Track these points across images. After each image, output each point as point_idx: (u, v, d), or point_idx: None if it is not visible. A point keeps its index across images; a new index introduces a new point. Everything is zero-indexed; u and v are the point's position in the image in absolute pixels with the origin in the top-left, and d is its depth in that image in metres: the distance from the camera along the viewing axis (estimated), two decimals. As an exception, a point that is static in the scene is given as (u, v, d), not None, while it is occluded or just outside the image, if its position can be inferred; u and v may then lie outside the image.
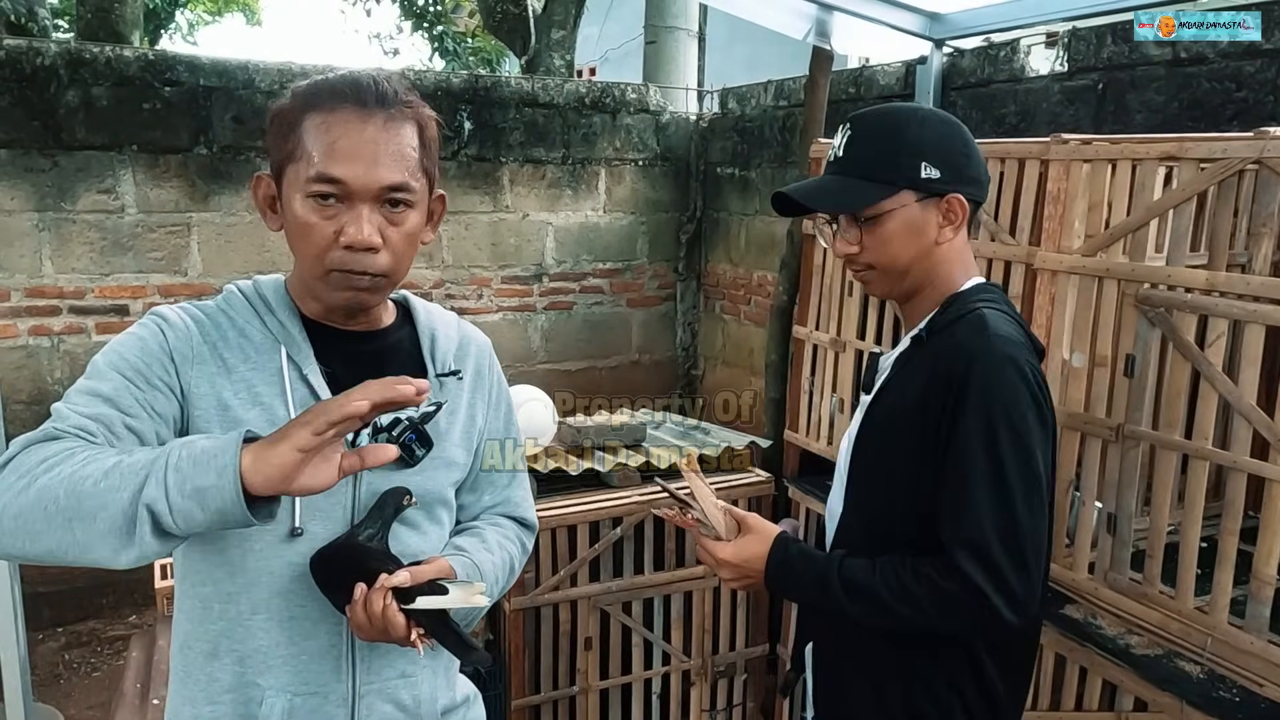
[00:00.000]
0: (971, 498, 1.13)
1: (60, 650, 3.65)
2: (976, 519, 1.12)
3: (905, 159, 1.20)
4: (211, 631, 1.13)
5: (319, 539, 1.10)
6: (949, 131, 1.23)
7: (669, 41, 5.43)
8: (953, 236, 1.24)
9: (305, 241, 1.07)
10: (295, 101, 1.08)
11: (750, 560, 1.27)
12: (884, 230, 1.22)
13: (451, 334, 1.26)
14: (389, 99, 1.07)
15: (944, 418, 1.16)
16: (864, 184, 1.22)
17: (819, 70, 3.23)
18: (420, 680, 1.20)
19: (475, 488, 1.31)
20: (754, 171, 4.40)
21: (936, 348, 1.21)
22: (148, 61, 3.63)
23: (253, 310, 1.15)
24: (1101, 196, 1.75)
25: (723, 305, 4.73)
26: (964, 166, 1.22)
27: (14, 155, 3.46)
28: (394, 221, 1.07)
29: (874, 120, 1.25)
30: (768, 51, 9.10)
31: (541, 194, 4.44)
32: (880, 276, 1.27)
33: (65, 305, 3.62)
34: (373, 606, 1.02)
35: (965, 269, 1.29)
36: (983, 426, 1.13)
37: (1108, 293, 1.74)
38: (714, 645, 2.74)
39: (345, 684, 1.14)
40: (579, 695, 2.59)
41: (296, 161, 1.05)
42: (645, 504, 2.53)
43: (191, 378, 1.08)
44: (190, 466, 0.89)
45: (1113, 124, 2.64)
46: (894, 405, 1.25)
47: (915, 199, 1.21)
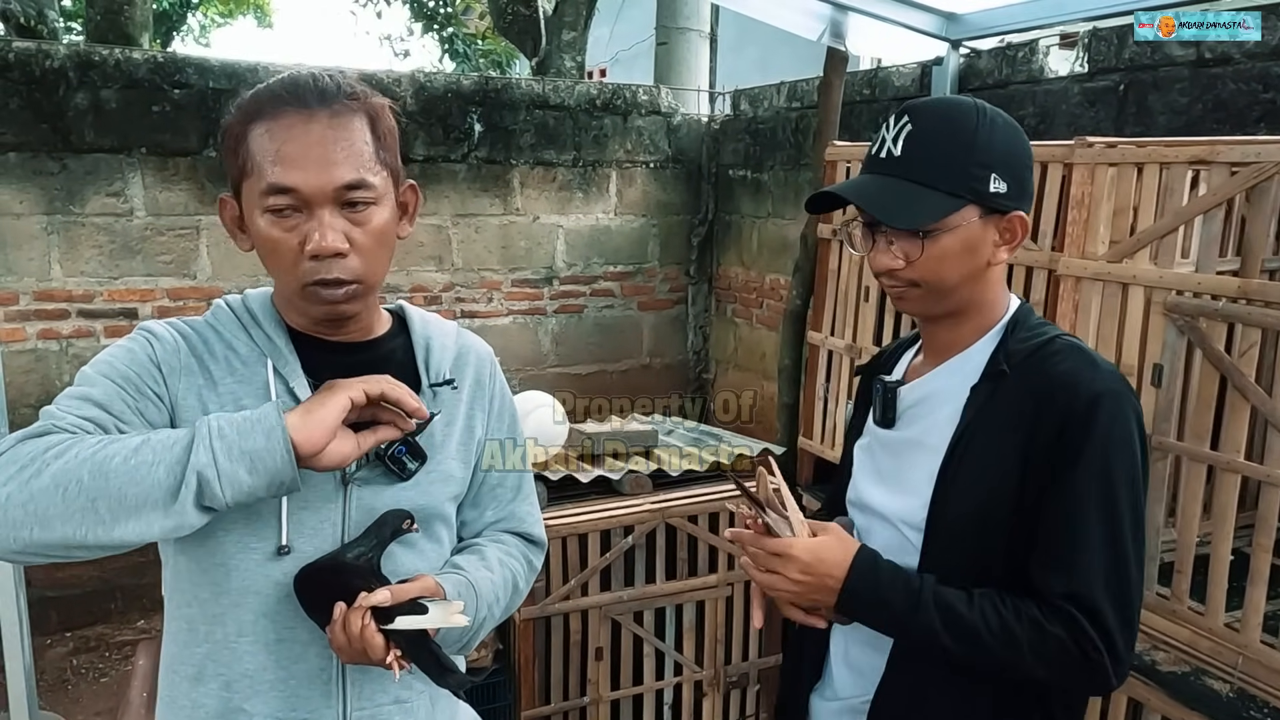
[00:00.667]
0: (1086, 549, 1.04)
1: (68, 655, 3.63)
2: (1090, 573, 1.03)
3: (976, 169, 1.07)
4: (197, 655, 1.09)
5: (307, 557, 1.05)
6: (1017, 139, 1.11)
7: (680, 43, 5.39)
8: (1006, 258, 1.13)
9: (273, 258, 1.03)
10: (239, 115, 1.03)
11: (826, 562, 1.10)
12: (940, 247, 1.08)
13: (448, 343, 1.22)
14: (330, 94, 1.02)
15: (1054, 457, 1.05)
16: (930, 194, 1.07)
17: (834, 72, 3.18)
18: (416, 707, 1.15)
19: (477, 503, 1.26)
20: (766, 174, 4.35)
21: (1032, 381, 1.09)
22: (157, 64, 3.62)
23: (239, 324, 1.12)
24: (1128, 201, 1.71)
25: (734, 309, 4.69)
26: (1028, 180, 1.12)
27: (23, 158, 3.44)
28: (358, 222, 1.02)
29: (940, 116, 1.10)
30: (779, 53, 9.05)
31: (552, 196, 4.40)
32: (923, 295, 1.14)
33: (74, 309, 3.60)
34: (350, 626, 0.98)
35: (1005, 288, 1.20)
36: (1103, 472, 1.04)
37: (1134, 300, 1.70)
38: (726, 655, 2.70)
39: (335, 710, 1.10)
40: (589, 706, 2.55)
41: (249, 177, 1.01)
42: (665, 509, 2.49)
43: (179, 390, 1.05)
44: (235, 433, 0.91)
45: (1134, 126, 2.59)
46: (987, 448, 1.11)
47: (978, 214, 1.08)
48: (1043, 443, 1.06)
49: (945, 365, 1.19)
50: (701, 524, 2.58)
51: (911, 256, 1.10)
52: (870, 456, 1.28)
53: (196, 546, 1.07)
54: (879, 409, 1.24)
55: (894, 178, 1.09)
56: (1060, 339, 1.12)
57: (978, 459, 1.11)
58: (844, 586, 1.10)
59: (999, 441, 1.09)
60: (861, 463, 1.29)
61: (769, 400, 4.42)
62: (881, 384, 1.24)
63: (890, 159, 1.10)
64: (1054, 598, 1.04)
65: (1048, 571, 1.06)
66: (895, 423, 1.22)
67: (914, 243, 1.09)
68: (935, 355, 1.21)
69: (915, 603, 1.07)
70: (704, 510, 2.59)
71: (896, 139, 1.10)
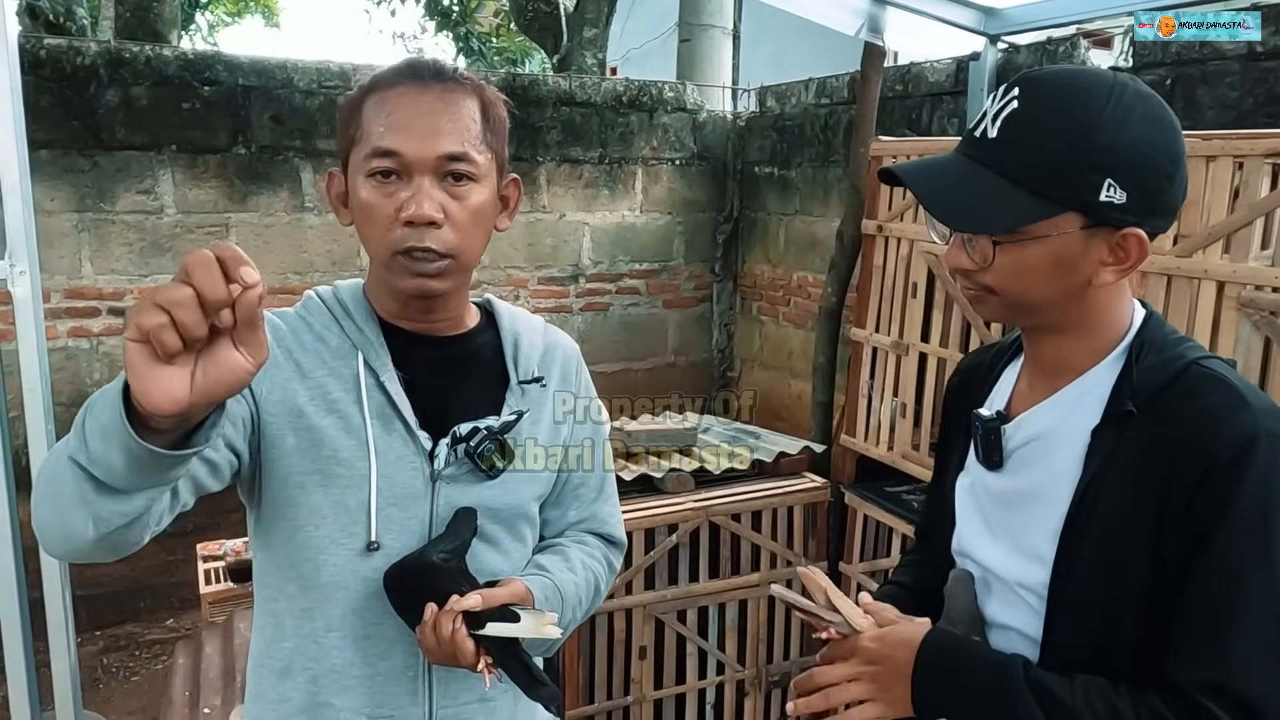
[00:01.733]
0: (1237, 627, 0.83)
1: (98, 654, 3.62)
2: (1240, 661, 0.83)
3: (1087, 171, 0.85)
4: (285, 649, 1.09)
5: (395, 554, 1.05)
6: (1156, 137, 0.87)
7: (703, 39, 5.37)
8: (1113, 280, 0.91)
9: (368, 223, 1.03)
10: (356, 90, 1.06)
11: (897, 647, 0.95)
12: (1025, 256, 0.89)
13: (536, 339, 1.20)
14: (446, 73, 1.05)
15: (1194, 513, 0.85)
16: (1019, 194, 0.87)
17: (871, 67, 3.16)
18: (500, 706, 1.14)
19: (560, 503, 1.24)
20: (794, 171, 4.33)
21: (1167, 423, 0.89)
22: (187, 61, 3.60)
23: (330, 315, 1.11)
24: (1198, 194, 1.68)
25: (760, 306, 4.67)
26: (1162, 191, 0.88)
27: (54, 155, 3.43)
28: (456, 196, 1.02)
29: (1057, 93, 0.88)
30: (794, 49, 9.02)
31: (578, 194, 4.39)
32: (1001, 306, 0.95)
33: (104, 306, 3.59)
34: (441, 629, 0.97)
35: (1127, 303, 0.97)
36: (1260, 526, 0.83)
37: (1205, 294, 1.68)
38: (768, 654, 2.68)
39: (421, 707, 1.09)
40: (633, 705, 2.54)
41: (358, 144, 1.03)
42: (708, 507, 2.48)
43: (265, 383, 1.05)
44: (101, 407, 0.79)
45: (1181, 121, 2.56)
46: (1114, 509, 0.91)
47: (1079, 225, 0.87)
48: (1178, 496, 0.86)
49: (1058, 396, 0.98)
50: (744, 522, 2.57)
51: (984, 262, 0.92)
52: (975, 502, 1.08)
53: (285, 541, 1.06)
54: (981, 449, 1.04)
55: (983, 166, 0.90)
56: (1198, 366, 0.91)
57: (1104, 523, 0.91)
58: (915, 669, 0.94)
59: (1128, 500, 0.90)
60: (966, 509, 1.10)
61: (796, 398, 4.40)
62: (982, 423, 1.03)
63: (984, 140, 0.90)
64: (1191, 685, 0.83)
65: (1185, 657, 0.85)
66: (1003, 465, 1.02)
67: (988, 247, 0.91)
68: (1044, 378, 1.00)
69: (1004, 684, 0.90)
70: (747, 509, 2.57)
71: (997, 117, 0.89)
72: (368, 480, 1.04)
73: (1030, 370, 1.03)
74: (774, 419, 4.39)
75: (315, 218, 3.87)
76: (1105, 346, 0.95)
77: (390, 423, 1.06)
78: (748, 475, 2.69)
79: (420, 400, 1.08)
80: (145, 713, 3.29)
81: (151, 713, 3.24)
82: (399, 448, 1.06)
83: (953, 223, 0.92)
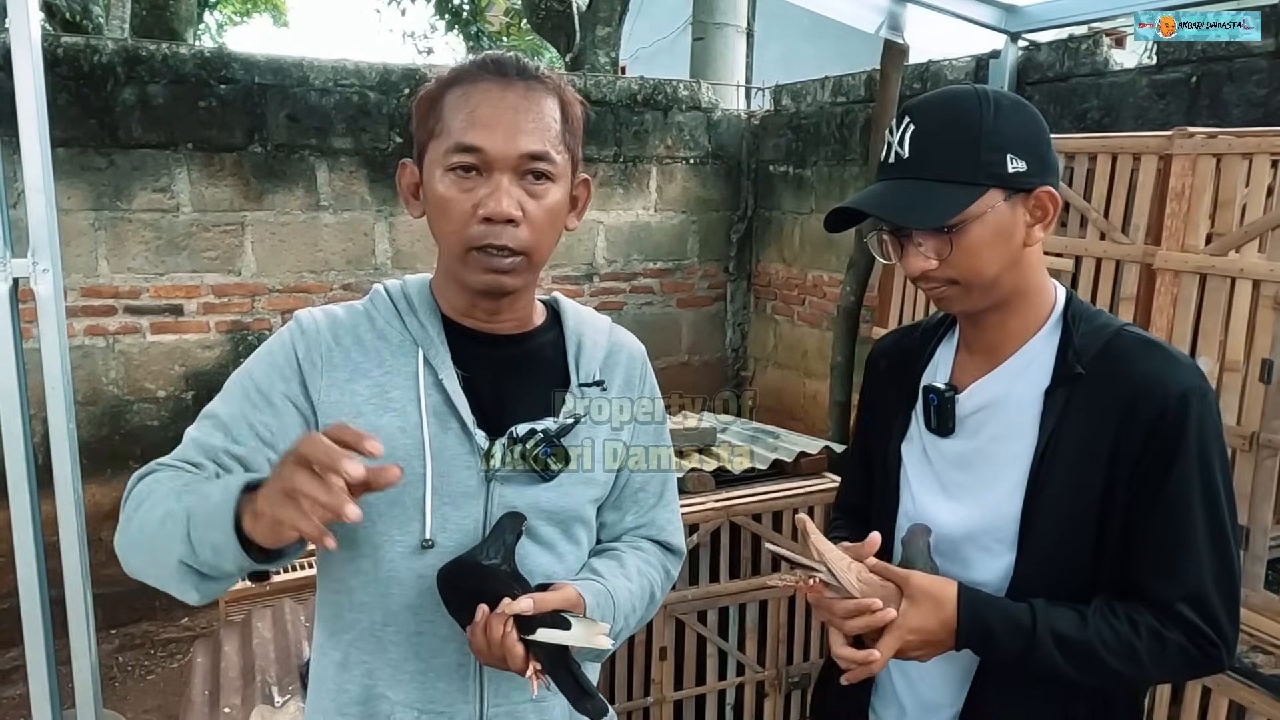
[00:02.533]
0: (1195, 549, 1.04)
1: (114, 653, 3.63)
2: (1198, 571, 1.04)
3: (989, 152, 1.02)
4: (343, 641, 1.11)
5: (450, 552, 1.05)
6: (1027, 116, 1.07)
7: (717, 38, 5.35)
8: (1042, 235, 1.08)
9: (444, 217, 1.03)
10: (436, 83, 1.06)
11: (939, 628, 1.06)
12: (971, 238, 1.04)
13: (600, 340, 1.18)
14: (529, 71, 1.04)
15: (1149, 458, 1.04)
16: (945, 187, 1.03)
17: (891, 65, 3.15)
18: (552, 706, 1.13)
19: (619, 506, 1.22)
20: (809, 169, 4.31)
21: (1112, 380, 1.06)
22: (203, 59, 3.60)
23: (395, 310, 1.11)
24: (1234, 193, 1.66)
25: (774, 306, 4.65)
26: (1047, 154, 1.07)
27: (71, 154, 3.43)
28: (534, 194, 1.02)
29: (941, 109, 1.06)
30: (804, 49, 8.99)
31: (593, 192, 4.37)
32: (964, 292, 1.08)
33: (120, 305, 3.60)
34: (492, 633, 0.96)
35: (1047, 274, 1.14)
36: (1203, 467, 1.03)
37: (1240, 293, 1.66)
38: (788, 656, 2.66)
39: (473, 705, 1.09)
40: (653, 706, 2.52)
41: (437, 138, 1.03)
42: (729, 508, 2.46)
43: (321, 387, 1.06)
44: (205, 524, 0.90)
45: (1207, 119, 2.54)
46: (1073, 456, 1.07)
47: (1003, 198, 1.04)
48: (1132, 445, 1.04)
49: (1005, 366, 1.13)
50: (765, 523, 2.55)
51: (943, 254, 1.05)
52: (929, 466, 1.21)
53: (345, 535, 1.06)
54: (933, 417, 1.18)
55: (908, 179, 1.06)
56: (1127, 331, 1.10)
57: (1066, 469, 1.07)
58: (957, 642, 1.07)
59: (1085, 448, 1.06)
60: (919, 474, 1.22)
61: (811, 398, 4.39)
62: (936, 393, 1.17)
63: (900, 162, 1.07)
64: (1168, 603, 1.04)
65: (1158, 578, 1.05)
66: (954, 430, 1.16)
67: (942, 240, 1.04)
68: (987, 354, 1.15)
69: (1031, 641, 1.05)
70: (768, 509, 2.55)
71: (903, 141, 1.06)
72: (423, 478, 1.04)
73: (969, 347, 1.18)
74: (788, 419, 4.38)
75: (330, 216, 3.86)
76: (1039, 320, 1.12)
77: (447, 421, 1.07)
78: (768, 475, 2.67)
79: (479, 399, 1.09)
80: (162, 711, 3.29)
81: (168, 711, 3.24)
82: (455, 447, 1.06)
83: (916, 224, 1.05)
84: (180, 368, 3.72)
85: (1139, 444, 1.04)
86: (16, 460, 2.06)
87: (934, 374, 1.22)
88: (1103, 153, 1.96)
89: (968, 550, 1.15)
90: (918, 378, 1.23)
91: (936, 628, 1.06)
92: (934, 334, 1.26)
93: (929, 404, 1.18)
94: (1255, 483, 1.65)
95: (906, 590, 1.06)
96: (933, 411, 1.17)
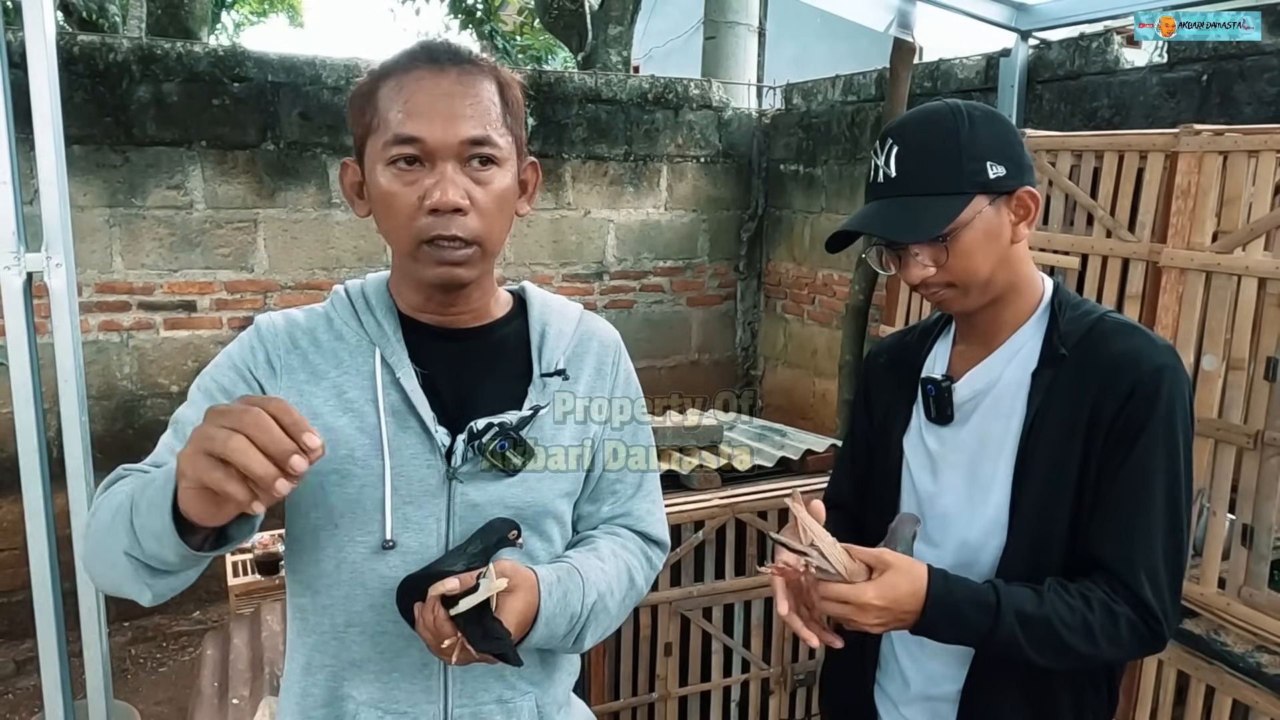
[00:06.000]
0: (1149, 521, 1.09)
1: (126, 645, 3.66)
2: (1152, 543, 1.09)
3: (970, 162, 1.10)
4: (307, 644, 1.09)
5: (411, 551, 1.04)
6: (999, 124, 1.15)
7: (729, 37, 5.35)
8: (1028, 232, 1.16)
9: (390, 213, 1.00)
10: (369, 76, 1.03)
11: (901, 600, 1.08)
12: (964, 243, 1.11)
13: (567, 329, 1.15)
14: (463, 56, 1.02)
15: (1119, 427, 1.10)
16: (934, 200, 1.11)
17: (900, 63, 3.14)
18: (520, 708, 1.11)
19: (595, 497, 1.19)
20: (820, 168, 4.31)
21: (1093, 360, 1.13)
22: (217, 58, 3.63)
23: (352, 310, 1.09)
24: (1240, 190, 1.66)
25: (784, 304, 4.65)
26: (1022, 156, 1.15)
27: (87, 151, 3.47)
28: (481, 181, 0.99)
29: (920, 128, 1.14)
30: (816, 48, 8.98)
31: (603, 191, 4.39)
32: (962, 293, 1.16)
33: (134, 301, 3.63)
34: (425, 619, 0.96)
35: (1034, 266, 1.22)
36: (1166, 446, 1.09)
37: (1246, 291, 1.65)
38: (794, 653, 2.67)
39: (437, 705, 1.08)
40: (658, 702, 2.53)
41: (375, 133, 1.00)
42: (735, 505, 2.47)
43: (281, 390, 1.05)
44: (147, 511, 0.87)
45: (1217, 117, 2.53)
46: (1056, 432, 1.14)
47: (988, 202, 1.12)
48: (1106, 415, 1.10)
49: (997, 354, 1.20)
50: (771, 520, 2.55)
51: (940, 261, 1.13)
52: (929, 458, 1.26)
53: (308, 539, 1.07)
54: (933, 407, 1.24)
55: (898, 197, 1.14)
56: (1110, 316, 1.17)
57: (1050, 446, 1.14)
58: (921, 620, 1.09)
59: (1065, 424, 1.13)
60: (920, 465, 1.27)
61: (820, 397, 4.38)
62: (934, 384, 1.23)
63: (889, 181, 1.14)
64: (1119, 572, 1.09)
65: (1113, 544, 1.10)
66: (953, 418, 1.23)
67: (938, 248, 1.12)
68: (980, 343, 1.22)
69: (995, 619, 1.07)
70: (774, 506, 2.55)
71: (888, 161, 1.14)
72: (382, 479, 1.03)
73: (964, 339, 1.26)
74: (798, 418, 4.38)
75: (343, 213, 3.89)
76: (1028, 309, 1.19)
77: (406, 420, 1.05)
78: (775, 473, 2.67)
79: (440, 396, 1.06)
80: (173, 703, 3.33)
81: (179, 703, 3.27)
82: (414, 445, 1.05)
83: (913, 238, 1.13)
84: (193, 363, 3.76)
85: (1112, 414, 1.10)
86: (30, 454, 2.08)
87: (932, 367, 1.29)
88: (1109, 150, 1.95)
89: (964, 533, 1.21)
90: (918, 372, 1.29)
91: (903, 596, 1.07)
92: (932, 331, 1.33)
93: (927, 395, 1.25)
94: (1260, 481, 1.64)
95: (879, 564, 1.08)
96: (931, 402, 1.24)
